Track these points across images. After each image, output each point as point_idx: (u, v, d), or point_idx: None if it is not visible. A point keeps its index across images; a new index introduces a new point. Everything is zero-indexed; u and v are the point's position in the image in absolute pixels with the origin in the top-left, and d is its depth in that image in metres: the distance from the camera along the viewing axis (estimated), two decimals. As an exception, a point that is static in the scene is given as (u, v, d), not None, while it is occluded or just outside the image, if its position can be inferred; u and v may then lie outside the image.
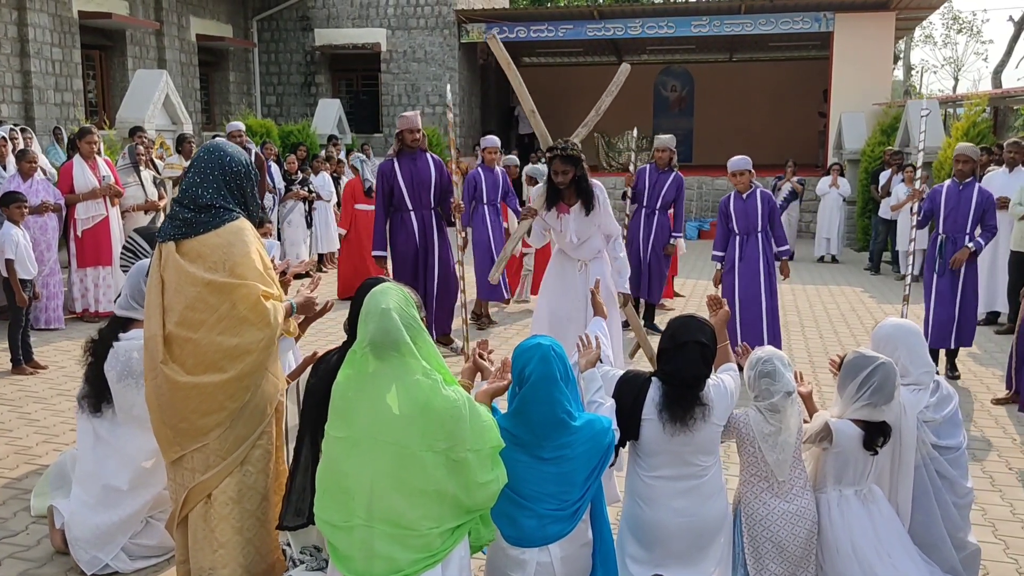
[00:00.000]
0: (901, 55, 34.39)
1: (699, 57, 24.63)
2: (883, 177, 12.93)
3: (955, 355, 7.12)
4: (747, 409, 3.39)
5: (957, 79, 43.30)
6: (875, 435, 3.42)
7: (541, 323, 5.41)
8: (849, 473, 3.48)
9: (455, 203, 7.06)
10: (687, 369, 3.25)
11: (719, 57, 24.92)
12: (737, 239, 7.24)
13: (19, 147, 8.98)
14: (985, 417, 6.14)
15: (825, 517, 3.47)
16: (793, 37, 20.28)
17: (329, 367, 3.23)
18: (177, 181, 8.81)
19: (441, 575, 2.74)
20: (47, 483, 4.37)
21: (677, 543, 3.33)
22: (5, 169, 8.81)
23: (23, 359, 6.99)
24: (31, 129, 10.32)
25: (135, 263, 4.29)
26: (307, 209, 12.09)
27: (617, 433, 3.21)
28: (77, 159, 8.71)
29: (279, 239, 11.83)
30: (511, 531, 3.00)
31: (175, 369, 3.23)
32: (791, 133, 22.01)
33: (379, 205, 7.47)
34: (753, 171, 7.33)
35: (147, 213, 9.04)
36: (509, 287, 9.69)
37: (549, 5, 24.34)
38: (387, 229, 7.54)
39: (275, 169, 11.84)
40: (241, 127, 10.76)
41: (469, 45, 19.99)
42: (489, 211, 8.89)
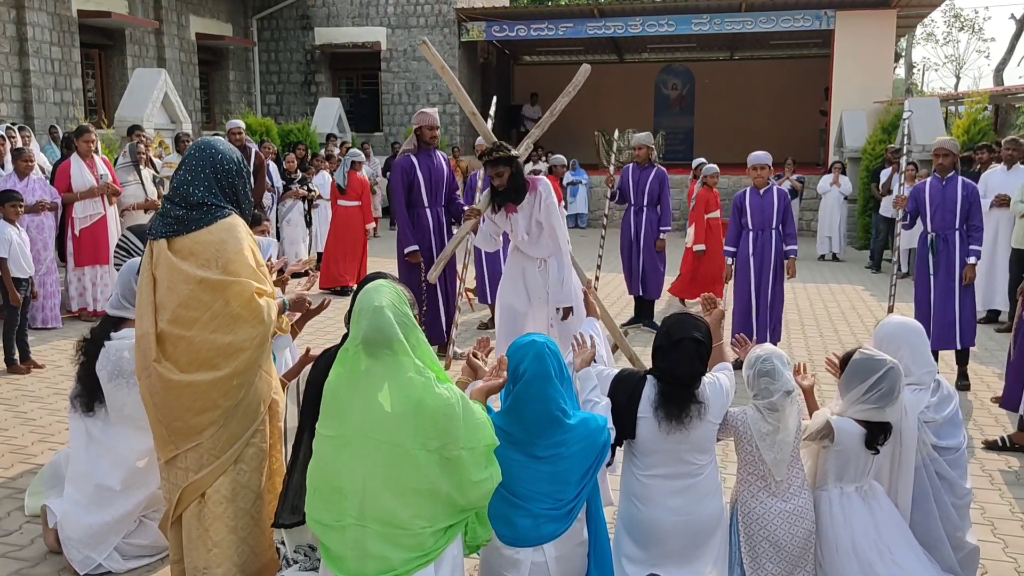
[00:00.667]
0: (903, 53, 34.34)
1: (700, 55, 24.61)
2: (884, 175, 12.91)
3: (965, 361, 6.83)
4: (745, 408, 3.37)
5: (959, 77, 43.26)
6: (877, 434, 3.40)
7: (502, 323, 5.45)
8: (850, 471, 3.45)
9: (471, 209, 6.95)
10: (683, 367, 3.24)
11: (720, 55, 24.90)
12: (751, 235, 7.21)
13: (16, 145, 8.97)
14: (985, 416, 6.12)
15: (826, 515, 3.45)
16: (794, 35, 20.25)
17: (330, 361, 3.21)
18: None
19: (434, 574, 2.72)
20: (41, 482, 4.35)
21: (673, 542, 3.31)
22: (3, 168, 8.81)
23: (20, 358, 6.99)
24: (29, 128, 10.30)
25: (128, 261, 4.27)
26: (306, 208, 12.07)
27: (613, 432, 3.19)
28: (75, 158, 8.68)
29: (278, 238, 11.82)
30: (506, 531, 2.98)
31: (168, 367, 3.21)
32: (792, 131, 21.96)
33: (399, 201, 7.37)
34: (771, 167, 7.35)
35: (146, 212, 9.02)
36: None
37: (550, 3, 24.33)
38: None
39: (274, 168, 11.83)
40: (241, 125, 10.74)
41: (469, 44, 19.98)
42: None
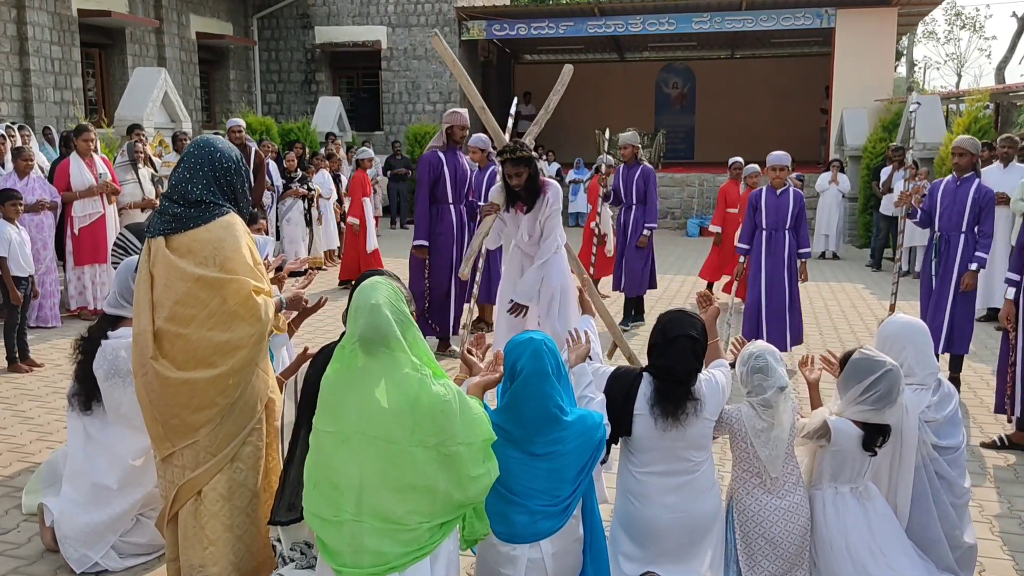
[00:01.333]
0: (904, 52, 34.29)
1: (700, 54, 24.61)
2: (884, 173, 12.91)
3: (957, 368, 6.73)
4: (740, 405, 3.36)
5: (960, 75, 43.16)
6: (875, 436, 3.39)
7: (502, 320, 5.44)
8: (846, 471, 3.44)
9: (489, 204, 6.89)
10: (678, 364, 3.24)
11: (721, 54, 24.89)
12: (764, 234, 7.21)
13: (16, 144, 8.98)
14: (984, 414, 6.11)
15: (820, 514, 3.45)
16: (794, 33, 20.23)
17: (328, 358, 3.21)
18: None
19: (429, 568, 2.73)
20: (39, 481, 4.35)
21: (669, 540, 3.31)
22: (3, 167, 8.81)
23: (19, 357, 6.99)
24: (28, 127, 10.30)
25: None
26: (306, 207, 12.07)
27: (608, 428, 3.19)
28: (74, 157, 8.68)
29: (278, 237, 11.83)
30: (502, 527, 2.98)
31: (165, 365, 3.21)
32: (793, 130, 21.95)
33: (423, 195, 7.43)
34: (790, 167, 7.36)
35: (144, 211, 9.01)
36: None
37: (550, 2, 24.31)
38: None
39: (273, 167, 11.83)
40: (241, 123, 10.74)
41: (470, 42, 19.96)
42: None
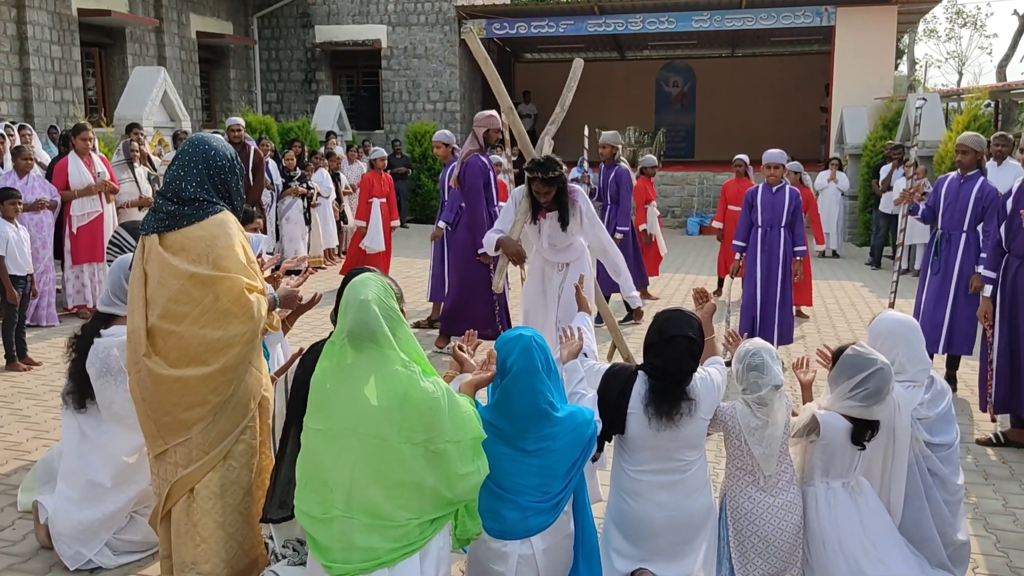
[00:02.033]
0: (905, 50, 34.23)
1: (701, 52, 24.59)
2: (884, 171, 12.90)
3: (954, 367, 6.72)
4: (734, 402, 3.36)
5: (961, 73, 43.06)
6: (863, 430, 3.39)
7: (521, 323, 5.44)
8: (836, 465, 3.45)
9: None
10: (674, 364, 3.24)
11: (721, 52, 24.87)
12: (759, 231, 7.22)
13: (15, 144, 8.99)
14: (980, 410, 6.10)
15: (812, 510, 3.45)
16: (794, 32, 20.20)
17: (316, 357, 3.21)
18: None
19: (419, 564, 2.74)
20: (34, 478, 4.36)
21: (662, 537, 3.31)
22: (2, 166, 8.82)
23: (17, 355, 7.00)
24: (30, 126, 10.31)
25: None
26: (305, 206, 12.09)
27: (599, 425, 3.19)
28: (72, 156, 8.68)
29: (278, 236, 11.84)
30: (493, 524, 2.99)
31: (158, 362, 3.22)
32: (793, 128, 21.94)
33: (480, 201, 7.40)
34: (787, 166, 7.35)
35: (141, 209, 9.02)
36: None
37: (550, 1, 24.27)
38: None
39: (273, 166, 11.84)
40: (240, 122, 10.74)
41: (470, 41, 19.96)
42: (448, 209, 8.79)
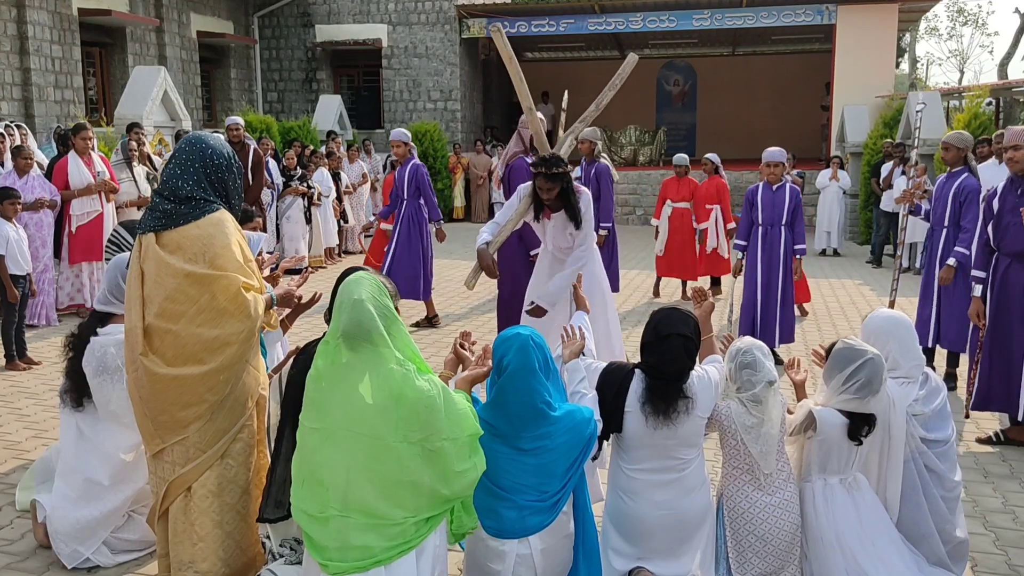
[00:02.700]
0: (906, 48, 34.19)
1: (702, 51, 24.58)
2: (885, 170, 12.88)
3: (954, 364, 6.70)
4: (729, 402, 3.36)
5: (962, 72, 43.03)
6: (860, 425, 3.40)
7: (526, 321, 5.42)
8: (833, 461, 3.45)
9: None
10: (670, 362, 3.23)
11: (722, 51, 24.86)
12: (760, 230, 7.21)
13: (15, 143, 8.99)
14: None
15: (809, 506, 3.45)
16: (795, 30, 20.19)
17: (310, 357, 3.21)
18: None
19: (415, 562, 2.74)
20: (32, 477, 4.36)
21: (659, 536, 3.31)
22: (2, 166, 8.82)
23: (17, 355, 7.00)
24: (27, 126, 10.32)
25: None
26: (306, 205, 12.09)
27: (600, 424, 3.18)
28: (72, 155, 8.69)
29: (278, 235, 11.84)
30: (491, 522, 2.99)
31: (155, 361, 3.21)
32: (794, 127, 21.95)
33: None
34: (787, 164, 7.34)
35: (140, 209, 9.03)
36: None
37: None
38: None
39: (273, 165, 11.84)
40: (239, 121, 10.74)
41: (470, 40, 19.96)
42: (406, 207, 8.69)
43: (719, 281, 10.44)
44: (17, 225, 7.04)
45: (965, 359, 6.92)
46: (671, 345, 3.22)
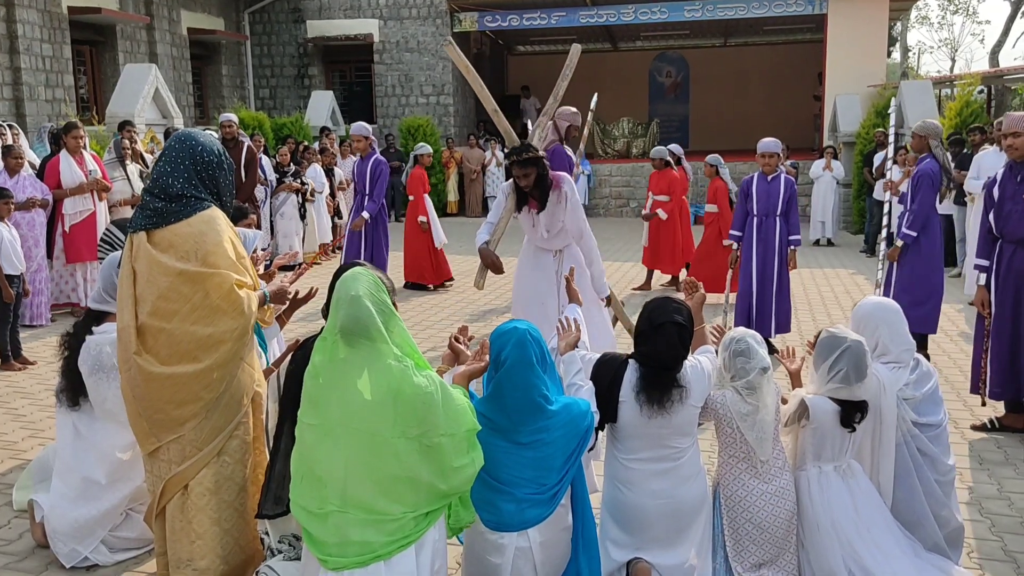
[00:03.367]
0: (898, 37, 34.19)
1: (693, 42, 24.57)
2: (877, 159, 12.89)
3: (921, 346, 6.59)
4: (724, 391, 3.37)
5: (954, 60, 43.06)
6: (852, 412, 3.42)
7: (519, 307, 5.45)
8: (827, 449, 3.47)
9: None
10: (664, 351, 3.24)
11: (714, 42, 24.86)
12: (755, 220, 7.23)
13: (6, 143, 8.95)
14: (975, 397, 6.10)
15: (805, 494, 3.47)
16: (787, 20, 20.20)
17: (308, 352, 3.21)
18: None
19: (414, 557, 2.74)
20: (29, 477, 4.36)
21: (657, 526, 3.32)
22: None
23: (12, 355, 6.99)
24: (18, 126, 10.28)
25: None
26: (300, 201, 12.08)
27: (596, 416, 3.19)
28: (64, 154, 8.66)
29: (272, 232, 11.83)
30: (489, 516, 2.99)
31: (149, 360, 3.21)
32: (787, 117, 21.94)
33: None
34: (781, 155, 7.36)
35: (133, 207, 9.00)
36: None
37: (542, -8, 24.26)
38: None
39: (267, 162, 11.82)
40: (232, 118, 10.72)
41: (462, 34, 19.91)
42: (358, 201, 8.67)
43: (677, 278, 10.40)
44: (9, 225, 7.03)
45: (958, 346, 6.96)
46: (665, 333, 3.24)
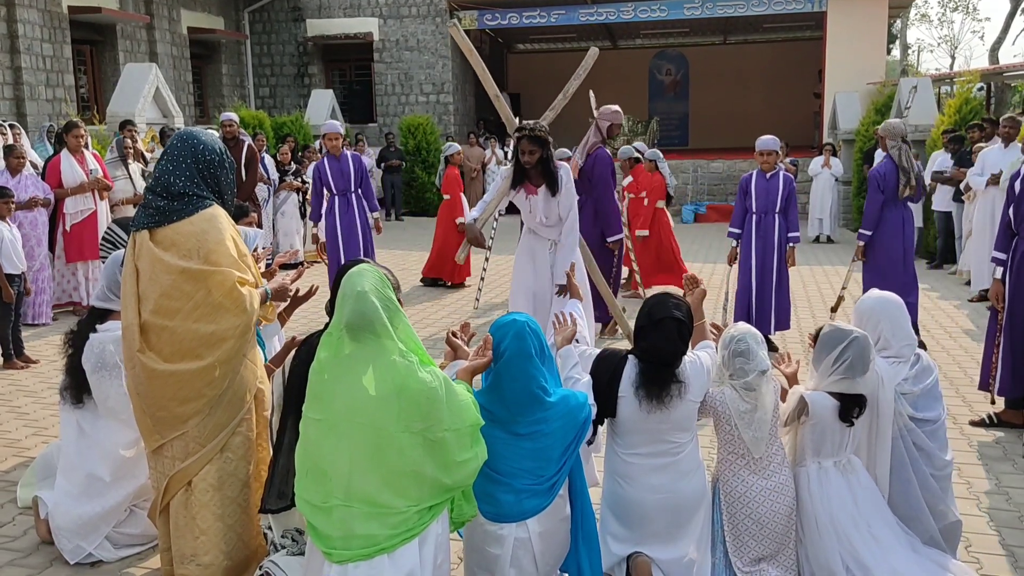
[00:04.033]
0: (898, 35, 34.20)
1: (693, 40, 24.59)
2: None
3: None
4: (723, 387, 3.39)
5: (954, 57, 43.06)
6: (850, 406, 3.44)
7: (517, 300, 5.49)
8: (827, 445, 3.49)
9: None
10: (664, 346, 3.26)
11: (713, 40, 24.87)
12: (754, 218, 7.26)
13: (7, 142, 8.98)
14: (973, 392, 6.10)
15: (804, 490, 3.49)
16: (786, 18, 20.22)
17: (311, 348, 3.24)
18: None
19: (418, 550, 2.76)
20: (33, 474, 4.39)
21: (656, 520, 3.34)
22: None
23: (15, 354, 7.02)
24: (19, 125, 10.31)
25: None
26: (301, 200, 12.10)
27: (594, 408, 3.22)
28: (65, 153, 8.68)
29: (273, 231, 11.85)
30: (488, 507, 3.02)
31: (152, 357, 3.23)
32: (786, 114, 21.98)
33: (612, 191, 7.68)
34: (780, 152, 7.39)
35: (135, 206, 9.02)
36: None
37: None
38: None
39: (269, 161, 11.84)
40: (233, 117, 10.72)
41: (462, 32, 19.94)
42: (340, 202, 8.58)
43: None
44: (11, 224, 7.05)
45: (960, 345, 6.98)
46: (664, 329, 3.26)
